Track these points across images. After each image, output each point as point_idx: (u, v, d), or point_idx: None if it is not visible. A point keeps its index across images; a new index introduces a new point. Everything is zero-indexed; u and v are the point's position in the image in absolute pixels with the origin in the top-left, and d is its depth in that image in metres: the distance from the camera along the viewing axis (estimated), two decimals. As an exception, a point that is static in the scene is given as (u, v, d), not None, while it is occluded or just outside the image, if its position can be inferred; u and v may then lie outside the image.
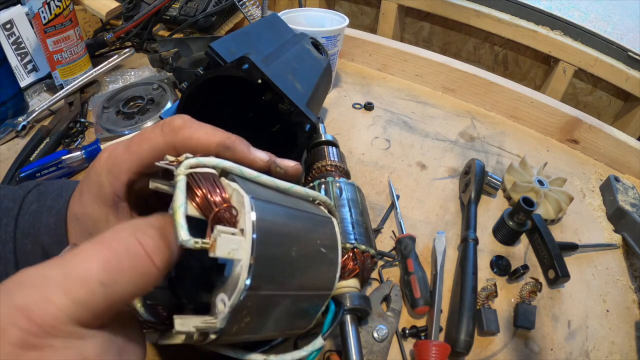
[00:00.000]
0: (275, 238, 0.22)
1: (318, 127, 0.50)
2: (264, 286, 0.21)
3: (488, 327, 0.38)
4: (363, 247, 0.34)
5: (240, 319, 0.21)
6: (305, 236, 0.25)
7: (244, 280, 0.20)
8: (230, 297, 0.20)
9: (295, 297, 0.24)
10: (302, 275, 0.24)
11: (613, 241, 0.51)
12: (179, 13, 0.76)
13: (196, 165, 0.22)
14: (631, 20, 0.94)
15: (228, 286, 0.21)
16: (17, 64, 0.65)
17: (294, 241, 0.24)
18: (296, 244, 0.24)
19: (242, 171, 0.24)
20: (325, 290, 0.27)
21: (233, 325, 0.21)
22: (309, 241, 0.26)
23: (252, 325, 0.22)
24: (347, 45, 0.80)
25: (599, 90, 0.94)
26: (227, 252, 0.20)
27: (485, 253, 0.47)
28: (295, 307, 0.25)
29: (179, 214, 0.20)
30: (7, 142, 0.56)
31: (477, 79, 0.71)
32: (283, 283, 0.23)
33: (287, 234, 0.24)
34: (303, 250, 0.25)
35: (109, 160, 0.26)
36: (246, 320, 0.21)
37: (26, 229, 0.28)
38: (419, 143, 0.63)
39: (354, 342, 0.31)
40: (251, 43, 0.46)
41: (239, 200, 0.21)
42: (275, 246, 0.22)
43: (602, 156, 0.64)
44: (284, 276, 0.23)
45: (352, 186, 0.39)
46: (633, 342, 0.41)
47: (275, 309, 0.23)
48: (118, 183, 0.25)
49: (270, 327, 0.24)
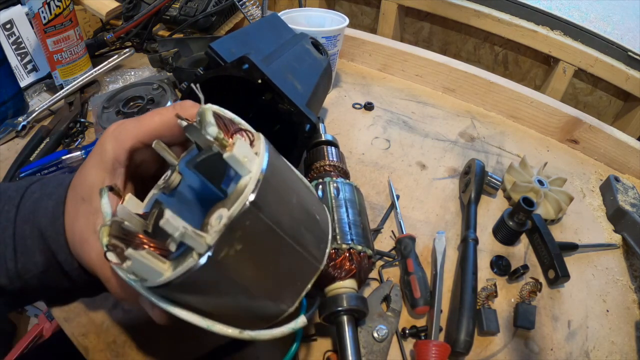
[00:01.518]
0: (280, 178, 0.23)
1: (318, 127, 0.50)
2: (265, 211, 0.21)
3: (488, 327, 0.38)
4: (360, 248, 0.34)
5: (232, 242, 0.20)
6: (304, 196, 0.26)
7: (249, 191, 0.20)
8: (230, 207, 0.20)
9: (288, 249, 0.24)
10: (298, 227, 0.24)
11: (613, 241, 0.51)
12: (179, 13, 0.75)
13: (218, 111, 0.24)
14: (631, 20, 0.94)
15: (229, 200, 0.20)
16: (17, 64, 0.65)
17: (295, 192, 0.25)
18: (297, 196, 0.25)
19: None
20: (316, 261, 0.26)
21: (222, 248, 0.20)
22: (307, 202, 0.26)
23: (240, 262, 0.21)
24: (347, 45, 0.80)
25: (599, 90, 0.94)
26: (242, 156, 0.20)
27: (485, 253, 0.47)
28: (286, 264, 0.24)
29: (209, 112, 0.22)
30: (7, 142, 0.56)
31: (477, 79, 0.71)
32: (281, 222, 0.22)
33: (290, 182, 0.25)
34: (302, 205, 0.25)
35: (117, 129, 0.27)
36: (237, 248, 0.20)
37: (26, 214, 0.29)
38: (419, 143, 0.63)
39: (350, 343, 0.31)
40: (251, 43, 0.46)
41: (256, 135, 0.24)
42: (280, 184, 0.23)
43: (602, 156, 0.64)
44: (282, 214, 0.23)
45: (350, 186, 0.39)
46: (633, 342, 0.40)
47: (267, 249, 0.22)
48: (121, 149, 0.27)
49: (257, 278, 0.23)
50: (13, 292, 0.30)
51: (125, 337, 0.35)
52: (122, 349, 0.34)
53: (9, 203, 0.30)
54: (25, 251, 0.29)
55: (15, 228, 0.29)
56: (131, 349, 0.34)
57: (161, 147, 0.25)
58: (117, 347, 0.34)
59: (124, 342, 0.35)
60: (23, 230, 0.29)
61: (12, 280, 0.29)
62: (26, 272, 0.29)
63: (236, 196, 0.20)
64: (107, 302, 0.37)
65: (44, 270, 0.29)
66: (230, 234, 0.20)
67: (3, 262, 0.29)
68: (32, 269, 0.29)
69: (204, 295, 0.22)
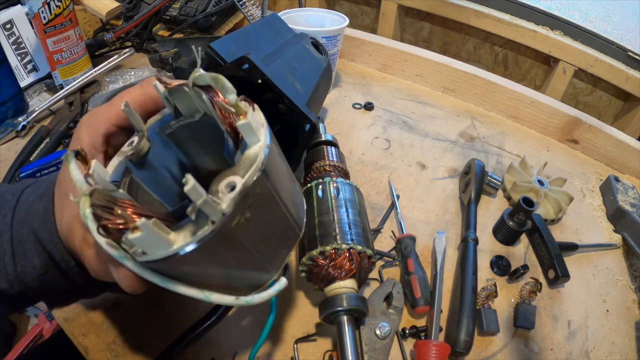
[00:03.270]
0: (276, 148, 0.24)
1: (318, 127, 0.50)
2: (271, 179, 0.22)
3: (488, 327, 0.38)
4: (360, 248, 0.34)
5: (244, 209, 0.20)
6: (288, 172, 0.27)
7: (261, 160, 0.20)
8: (244, 175, 0.20)
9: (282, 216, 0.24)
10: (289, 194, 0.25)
11: (613, 241, 0.51)
12: (179, 13, 0.75)
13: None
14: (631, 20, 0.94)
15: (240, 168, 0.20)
16: (17, 64, 0.65)
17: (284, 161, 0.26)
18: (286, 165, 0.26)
19: None
20: (298, 229, 0.27)
21: (235, 215, 0.20)
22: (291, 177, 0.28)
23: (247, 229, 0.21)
24: (347, 45, 0.80)
25: (599, 90, 0.94)
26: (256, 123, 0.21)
27: (485, 253, 0.47)
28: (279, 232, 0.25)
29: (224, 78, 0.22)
30: (7, 142, 0.56)
31: (477, 79, 0.71)
32: (279, 190, 0.23)
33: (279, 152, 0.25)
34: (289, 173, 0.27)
35: (90, 116, 0.27)
36: (247, 216, 0.20)
37: (22, 217, 0.29)
38: (419, 143, 0.63)
39: (350, 343, 0.31)
40: (251, 43, 0.46)
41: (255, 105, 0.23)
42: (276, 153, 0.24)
43: (602, 156, 0.64)
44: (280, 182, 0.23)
45: (350, 186, 0.39)
46: (633, 342, 0.41)
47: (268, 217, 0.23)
48: (96, 134, 0.27)
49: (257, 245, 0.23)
50: (14, 295, 0.30)
51: (125, 337, 0.35)
52: (122, 349, 0.34)
53: (6, 207, 0.30)
54: (23, 254, 0.29)
55: (12, 232, 0.29)
56: (131, 349, 0.34)
57: (130, 110, 0.24)
58: (117, 347, 0.34)
59: (124, 342, 0.35)
60: (20, 234, 0.29)
61: (12, 285, 0.29)
62: (26, 275, 0.29)
63: (248, 164, 0.20)
64: (107, 302, 0.37)
65: (42, 272, 0.29)
66: (244, 201, 0.20)
67: (2, 267, 0.29)
68: (31, 271, 0.29)
69: (206, 265, 0.21)
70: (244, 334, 0.36)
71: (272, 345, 0.36)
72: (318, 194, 0.38)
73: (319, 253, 0.34)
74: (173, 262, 0.20)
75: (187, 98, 0.25)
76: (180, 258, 0.19)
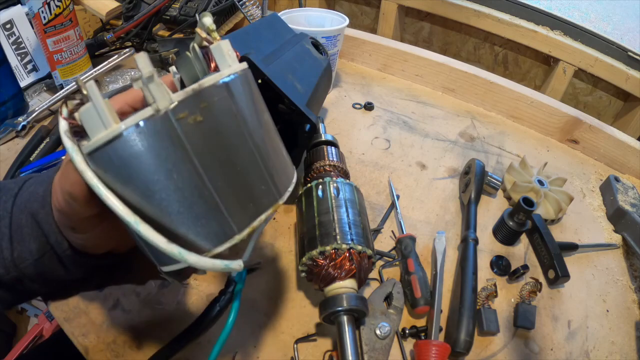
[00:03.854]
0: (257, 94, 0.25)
1: (318, 127, 0.50)
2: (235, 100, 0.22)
3: (488, 327, 0.38)
4: (360, 248, 0.34)
5: (195, 110, 0.20)
6: (274, 130, 0.27)
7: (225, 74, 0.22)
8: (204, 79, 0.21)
9: (248, 153, 0.22)
10: (263, 140, 0.24)
11: (613, 241, 0.51)
12: (179, 13, 0.75)
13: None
14: (631, 20, 0.94)
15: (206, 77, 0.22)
16: (17, 64, 0.65)
17: (269, 117, 0.26)
18: (270, 121, 0.26)
19: None
20: (276, 191, 0.24)
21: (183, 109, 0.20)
22: (276, 136, 0.27)
23: (196, 135, 0.20)
24: (347, 45, 0.80)
25: (599, 90, 0.93)
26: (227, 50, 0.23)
27: (485, 253, 0.47)
28: (243, 169, 0.22)
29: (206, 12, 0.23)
30: (7, 142, 0.56)
31: (477, 79, 0.71)
32: (247, 121, 0.23)
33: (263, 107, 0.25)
34: (271, 131, 0.26)
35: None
36: (197, 119, 0.20)
37: (22, 203, 0.30)
38: (419, 143, 0.63)
39: (350, 343, 0.31)
40: (251, 43, 0.46)
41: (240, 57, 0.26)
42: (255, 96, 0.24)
43: (602, 156, 0.64)
44: (251, 116, 0.23)
45: (350, 186, 0.39)
46: (633, 342, 0.40)
47: (227, 139, 0.21)
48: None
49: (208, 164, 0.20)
50: (9, 282, 0.30)
51: (125, 337, 0.35)
52: (122, 349, 0.34)
53: (7, 194, 0.31)
54: (21, 240, 0.29)
55: (11, 217, 0.30)
56: (131, 349, 0.34)
57: None
58: (117, 347, 0.34)
59: (124, 342, 0.35)
60: (19, 219, 0.30)
61: (8, 270, 0.30)
62: (22, 261, 0.30)
63: (213, 77, 0.21)
64: (107, 302, 0.37)
65: (38, 257, 0.30)
66: (196, 100, 0.20)
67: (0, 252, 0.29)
68: (27, 257, 0.30)
69: (144, 172, 0.20)
70: (243, 334, 0.36)
71: (272, 345, 0.36)
72: (318, 194, 0.38)
73: (319, 253, 0.34)
74: (110, 158, 0.19)
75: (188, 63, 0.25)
76: (117, 149, 0.19)
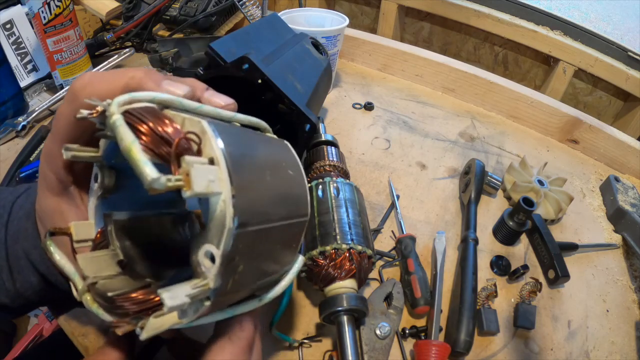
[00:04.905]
0: (247, 163, 0.19)
1: (318, 127, 0.50)
2: (252, 220, 0.18)
3: (488, 327, 0.37)
4: (360, 248, 0.34)
5: (234, 268, 0.18)
6: (272, 159, 0.23)
7: (231, 216, 0.17)
8: (219, 243, 0.17)
9: (280, 229, 0.21)
10: (282, 202, 0.22)
11: (613, 241, 0.51)
12: (179, 13, 0.75)
13: (130, 102, 0.18)
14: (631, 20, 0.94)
15: (212, 233, 0.18)
16: (17, 64, 0.65)
17: (265, 164, 0.21)
18: (267, 168, 0.21)
19: (182, 103, 0.20)
20: (304, 217, 0.24)
21: (228, 279, 0.18)
22: (277, 164, 0.23)
23: (245, 275, 0.19)
24: (347, 45, 0.80)
25: (599, 90, 0.94)
26: (205, 185, 0.16)
27: (485, 253, 0.47)
28: (281, 243, 0.23)
29: (135, 150, 0.15)
30: (7, 142, 0.56)
31: (477, 79, 0.71)
32: (267, 214, 0.20)
33: (256, 158, 0.21)
34: (275, 174, 0.22)
35: (45, 149, 0.25)
36: (240, 270, 0.19)
37: (15, 234, 0.28)
38: (419, 143, 0.63)
39: (350, 343, 0.31)
40: (251, 43, 0.46)
41: (196, 127, 0.18)
42: (251, 172, 0.19)
43: (602, 156, 0.64)
44: (266, 205, 0.20)
45: (350, 186, 0.39)
46: (633, 342, 0.40)
47: (265, 247, 0.21)
48: (57, 168, 0.24)
49: (262, 272, 0.22)
50: (18, 308, 0.30)
51: (125, 337, 0.35)
52: (122, 349, 0.34)
53: None
54: (20, 271, 0.28)
55: (7, 249, 0.28)
56: (131, 349, 0.34)
57: (72, 155, 0.20)
58: (117, 347, 0.34)
59: (124, 342, 0.35)
60: (15, 250, 0.28)
61: (13, 300, 0.29)
62: (25, 290, 0.29)
63: (218, 226, 0.17)
64: (107, 302, 0.37)
65: (40, 289, 0.29)
66: (229, 266, 0.18)
67: (2, 284, 0.28)
68: (29, 288, 0.29)
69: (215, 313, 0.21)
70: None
71: (272, 345, 0.36)
72: (318, 194, 0.38)
73: (319, 253, 0.34)
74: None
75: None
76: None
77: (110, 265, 0.22)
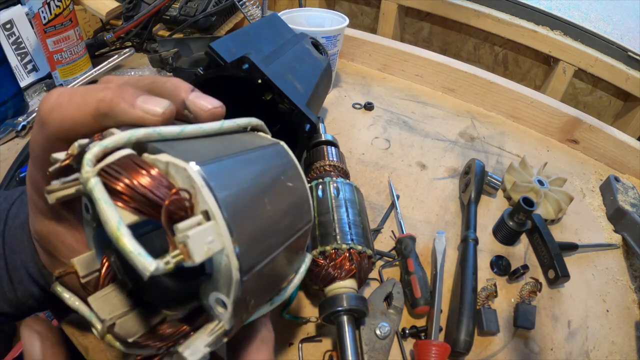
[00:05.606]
0: (244, 201, 0.18)
1: (318, 127, 0.50)
2: (257, 260, 0.18)
3: (488, 327, 0.38)
4: (360, 248, 0.34)
5: (246, 306, 0.19)
6: (269, 179, 0.21)
7: (236, 269, 0.17)
8: (228, 293, 0.17)
9: (287, 249, 0.21)
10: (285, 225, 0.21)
11: (613, 241, 0.51)
12: (179, 13, 0.75)
13: (102, 155, 0.16)
14: (631, 20, 0.94)
15: (220, 283, 0.17)
16: (17, 64, 0.65)
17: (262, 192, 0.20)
18: (266, 194, 0.20)
19: (160, 133, 0.18)
20: (308, 223, 0.24)
21: (242, 315, 0.19)
22: (274, 182, 0.22)
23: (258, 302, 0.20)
24: (347, 45, 0.80)
25: (599, 90, 0.94)
26: (205, 251, 0.16)
27: (485, 253, 0.47)
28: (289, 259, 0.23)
29: (124, 240, 0.14)
30: (7, 142, 0.56)
31: (477, 79, 0.71)
32: (272, 245, 0.20)
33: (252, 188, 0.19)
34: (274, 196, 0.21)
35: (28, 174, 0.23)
36: (251, 304, 0.19)
37: (12, 243, 0.28)
38: (419, 143, 0.63)
39: (350, 343, 0.31)
40: (251, 43, 0.46)
41: (182, 175, 0.17)
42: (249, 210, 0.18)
43: (602, 156, 0.64)
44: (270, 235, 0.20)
45: (350, 186, 0.39)
46: (633, 342, 0.41)
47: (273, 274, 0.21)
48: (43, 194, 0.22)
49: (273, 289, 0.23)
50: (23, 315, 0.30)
51: (125, 337, 0.35)
52: (122, 349, 0.34)
53: None
54: (20, 280, 0.28)
55: (6, 259, 0.28)
56: (131, 349, 0.34)
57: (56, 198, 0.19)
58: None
59: (124, 342, 0.35)
60: (13, 260, 0.28)
61: (16, 308, 0.29)
62: (27, 299, 0.29)
63: (224, 277, 0.17)
64: (107, 302, 0.37)
65: (42, 297, 0.29)
66: (241, 306, 0.18)
67: (3, 294, 0.28)
68: (30, 296, 0.29)
69: None
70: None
71: (272, 345, 0.36)
72: (318, 194, 0.38)
73: (319, 253, 0.34)
74: None
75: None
76: None
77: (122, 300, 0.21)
